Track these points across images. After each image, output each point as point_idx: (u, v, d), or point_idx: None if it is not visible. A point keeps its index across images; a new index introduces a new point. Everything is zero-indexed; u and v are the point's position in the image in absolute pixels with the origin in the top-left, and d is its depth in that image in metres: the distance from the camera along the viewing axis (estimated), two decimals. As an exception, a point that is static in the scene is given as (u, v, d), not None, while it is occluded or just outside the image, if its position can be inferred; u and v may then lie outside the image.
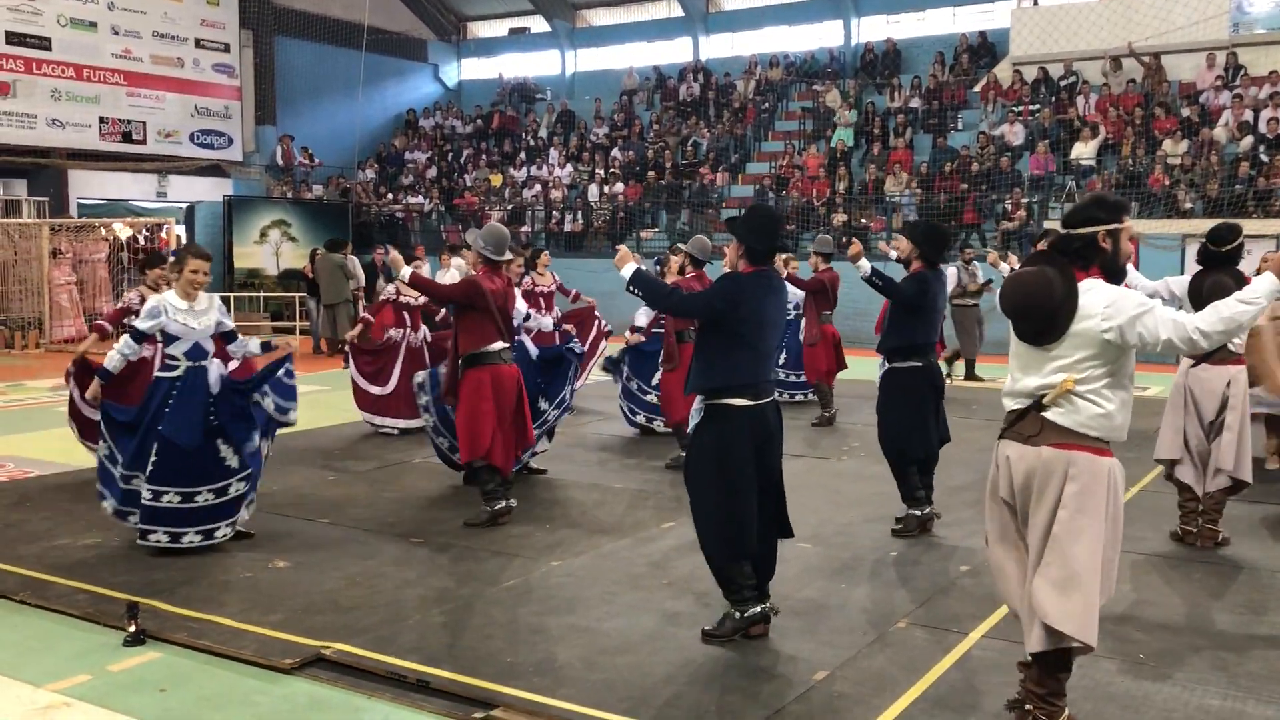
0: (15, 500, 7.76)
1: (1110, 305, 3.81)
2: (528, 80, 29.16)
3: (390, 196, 25.77)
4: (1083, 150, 18.93)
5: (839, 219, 19.80)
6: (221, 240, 22.35)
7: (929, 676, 4.64)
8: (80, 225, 20.50)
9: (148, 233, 20.36)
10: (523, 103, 28.64)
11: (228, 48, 24.37)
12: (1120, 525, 3.98)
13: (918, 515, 6.92)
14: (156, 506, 6.25)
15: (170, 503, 6.26)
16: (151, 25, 22.92)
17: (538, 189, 24.22)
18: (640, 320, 10.12)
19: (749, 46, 26.61)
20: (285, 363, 6.63)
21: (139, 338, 6.42)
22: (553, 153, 25.37)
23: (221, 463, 6.39)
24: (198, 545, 6.34)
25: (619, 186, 23.00)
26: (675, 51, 27.78)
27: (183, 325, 6.34)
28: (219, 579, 5.94)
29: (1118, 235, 3.94)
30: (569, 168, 24.63)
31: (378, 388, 10.50)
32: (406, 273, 7.36)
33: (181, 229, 22.02)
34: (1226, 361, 6.58)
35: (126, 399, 6.76)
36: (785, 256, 12.54)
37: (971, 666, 4.77)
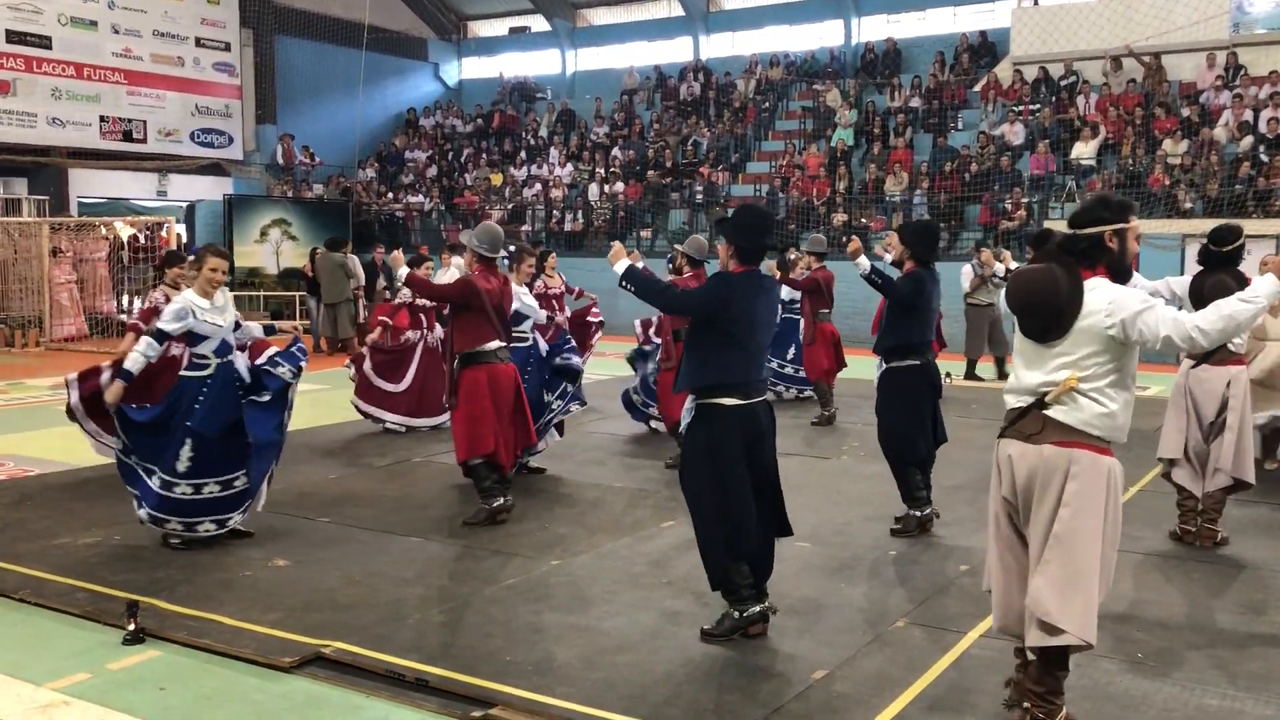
0: (15, 499, 7.76)
1: (1113, 302, 3.83)
2: (528, 79, 29.16)
3: (390, 196, 25.77)
4: (1083, 150, 18.92)
5: (839, 218, 19.80)
6: (222, 239, 22.34)
7: (927, 676, 4.65)
8: (80, 224, 20.51)
9: (148, 232, 20.37)
10: (523, 102, 28.64)
11: (228, 46, 24.38)
12: (1119, 525, 3.99)
13: (917, 515, 6.93)
14: (198, 499, 6.41)
15: (211, 493, 6.45)
16: (152, 24, 22.94)
17: (538, 188, 24.22)
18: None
19: (749, 46, 26.61)
20: (296, 342, 6.87)
21: (163, 338, 6.43)
22: (553, 152, 25.37)
23: (248, 449, 6.55)
24: (214, 534, 6.52)
25: (619, 186, 23.01)
26: (676, 51, 27.78)
27: (211, 324, 6.44)
28: (218, 577, 5.95)
29: (1124, 235, 3.96)
30: (569, 167, 24.63)
31: (391, 384, 10.55)
32: (404, 273, 7.43)
33: (182, 228, 22.03)
34: (1226, 361, 6.59)
35: (144, 398, 6.82)
36: (795, 256, 12.57)
37: (970, 666, 4.78)
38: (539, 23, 29.59)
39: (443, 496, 7.85)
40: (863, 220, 19.71)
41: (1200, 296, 6.45)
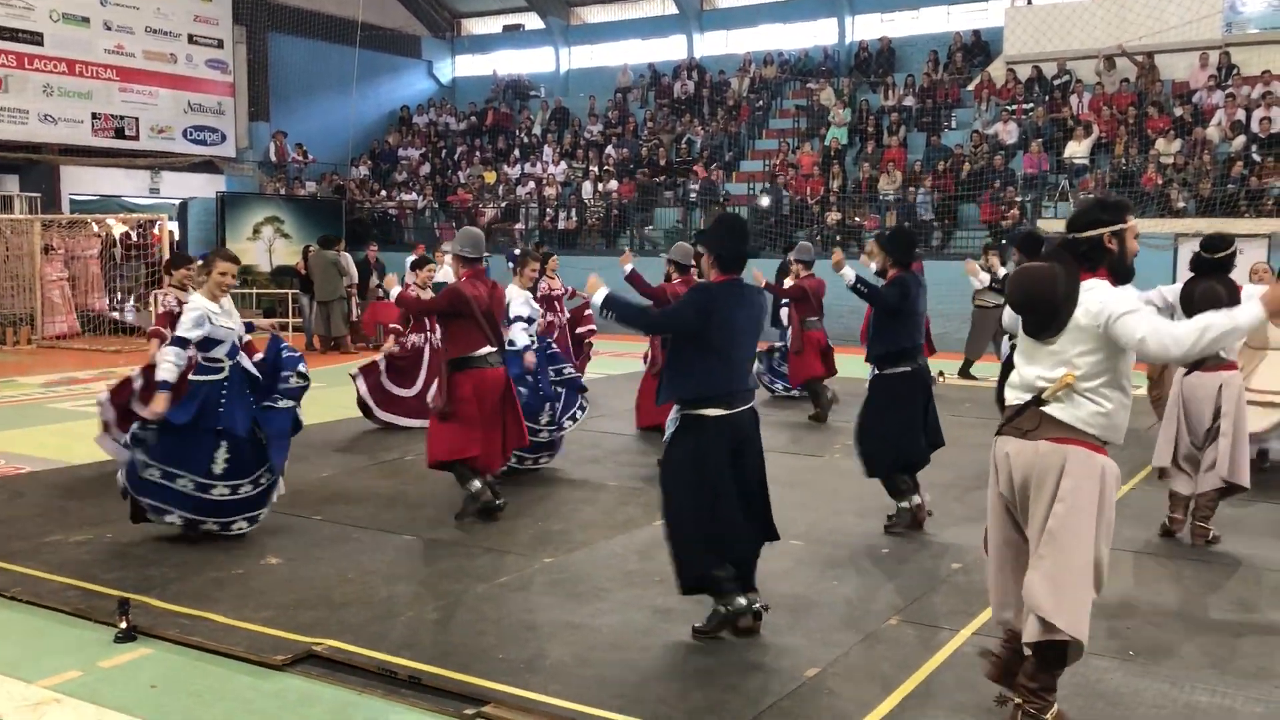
0: (7, 497, 7.74)
1: (1104, 302, 3.86)
2: (522, 77, 29.14)
3: (384, 193, 25.73)
4: (1076, 149, 18.95)
5: (833, 217, 19.81)
6: (214, 237, 22.29)
7: (919, 673, 4.66)
8: (72, 221, 20.45)
9: (140, 229, 20.32)
10: (517, 100, 28.61)
11: (221, 44, 24.32)
12: (1112, 523, 4.00)
13: (908, 508, 6.95)
14: (234, 499, 6.50)
15: (245, 493, 6.54)
16: (144, 21, 22.87)
17: (531, 186, 24.20)
18: None
19: (743, 44, 26.61)
20: (278, 343, 6.90)
21: (186, 345, 6.43)
22: (547, 150, 25.34)
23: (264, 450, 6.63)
24: (245, 531, 6.64)
25: (613, 184, 22.99)
26: (669, 49, 27.78)
27: (225, 328, 6.50)
28: (211, 575, 5.94)
29: (1123, 235, 4.00)
30: (563, 165, 24.62)
31: (404, 389, 10.62)
32: (396, 292, 7.60)
33: (174, 225, 21.97)
34: (1219, 368, 6.65)
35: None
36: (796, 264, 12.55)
37: (962, 663, 4.79)
38: (533, 20, 29.57)
39: (436, 494, 7.84)
40: (856, 219, 19.73)
41: (1191, 303, 6.52)
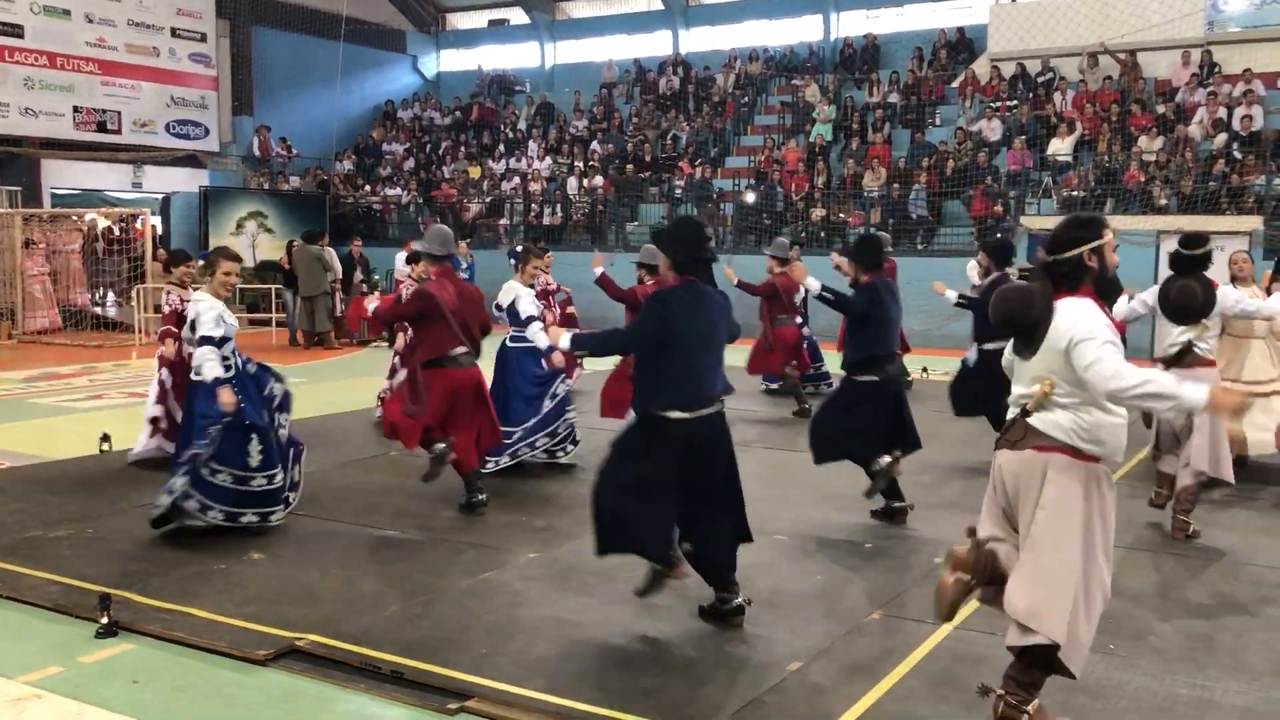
0: (-13, 492, 7.70)
1: (1075, 324, 3.92)
2: (507, 72, 29.07)
3: (368, 188, 25.64)
4: (1059, 146, 19.03)
5: (817, 214, 19.84)
6: (198, 231, 22.19)
7: (902, 667, 4.68)
8: (54, 215, 20.31)
9: (123, 224, 20.20)
10: (501, 95, 28.54)
11: (204, 37, 24.17)
12: (1110, 531, 4.02)
13: (879, 469, 6.92)
14: (271, 489, 6.59)
15: (279, 482, 6.64)
16: (126, 14, 22.71)
17: (516, 181, 24.15)
18: None
19: (728, 40, 26.61)
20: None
21: (218, 343, 6.49)
22: (531, 145, 25.30)
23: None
24: (281, 520, 6.76)
25: (598, 179, 22.97)
26: (655, 45, 27.76)
27: (231, 325, 6.64)
28: (193, 571, 5.92)
29: (1101, 251, 4.07)
30: (548, 160, 24.57)
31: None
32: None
33: (157, 220, 21.85)
34: (1196, 364, 6.72)
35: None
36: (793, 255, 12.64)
37: (944, 657, 4.81)
38: (518, 15, 29.50)
39: (420, 490, 7.81)
40: (841, 215, 19.76)
41: (1168, 300, 6.61)
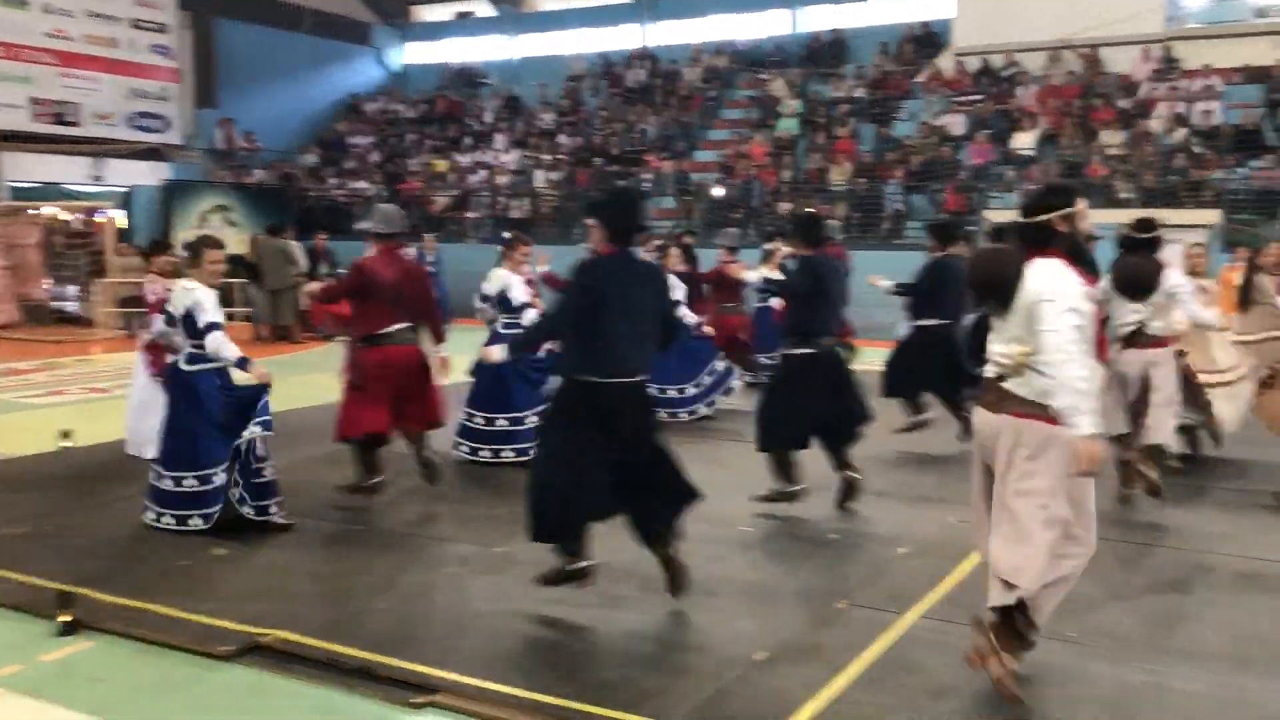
0: (-56, 489, 7.58)
1: (1039, 286, 4.06)
2: (473, 65, 28.93)
3: (333, 182, 25.46)
4: (1023, 140, 19.21)
5: (784, 208, 19.89)
6: (160, 225, 21.89)
7: (867, 655, 4.71)
8: (11, 209, 20.00)
9: (83, 217, 19.92)
10: (468, 88, 28.41)
11: (165, 29, 23.85)
12: (1087, 487, 4.21)
13: (782, 491, 7.01)
14: (201, 491, 6.46)
15: (269, 476, 6.57)
16: (85, 4, 22.34)
17: (483, 175, 24.06)
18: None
19: (694, 34, 26.62)
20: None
21: (220, 328, 6.49)
22: (498, 138, 25.20)
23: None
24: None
25: (553, 175, 22.91)
26: (621, 38, 27.73)
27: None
28: (155, 567, 5.86)
29: (1073, 218, 4.23)
30: (515, 153, 24.49)
31: None
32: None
33: (119, 213, 21.58)
34: (1151, 345, 6.92)
35: None
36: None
37: (909, 646, 4.85)
38: (484, 8, 29.38)
39: (388, 484, 7.77)
40: (807, 210, 19.79)
41: (1119, 277, 6.74)
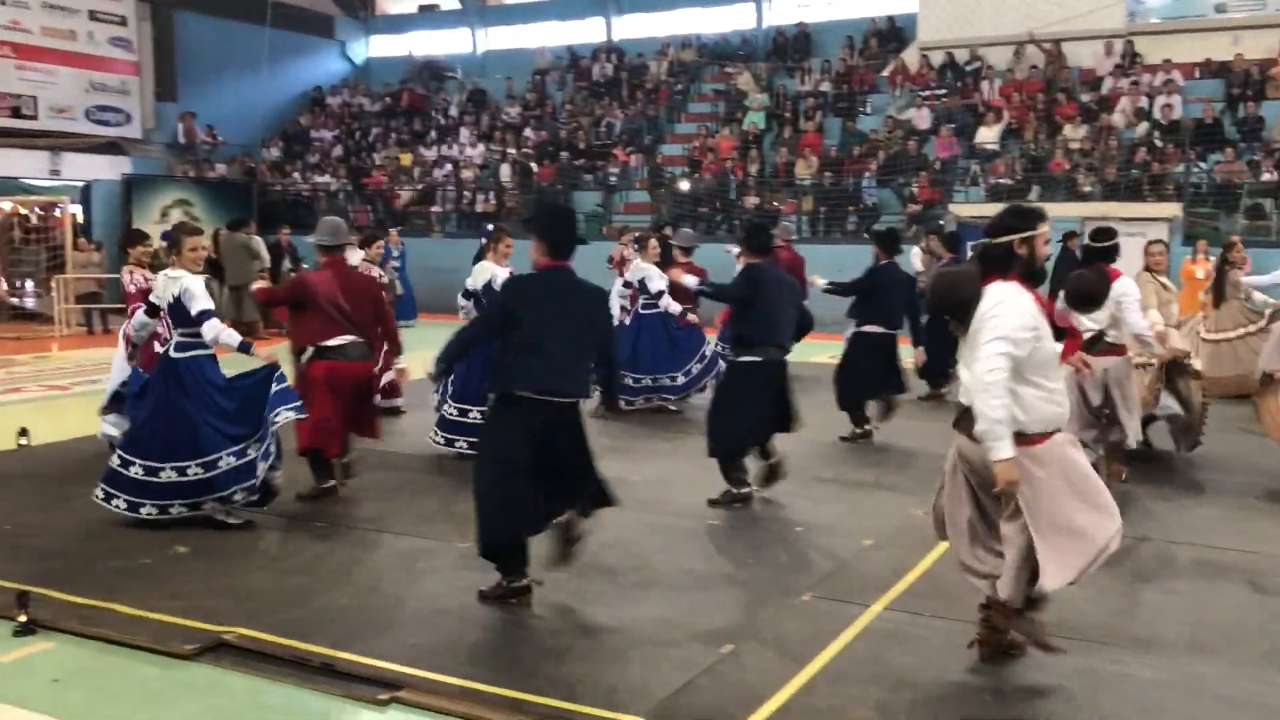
0: (-102, 488, 7.45)
1: (982, 312, 4.22)
2: (438, 58, 28.74)
3: (296, 176, 25.22)
4: (987, 135, 19.34)
5: (751, 201, 19.94)
6: (120, 220, 21.63)
7: (832, 647, 4.74)
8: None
9: (41, 212, 19.63)
10: (433, 81, 28.22)
11: (124, 21, 23.50)
12: (1086, 484, 4.35)
13: (735, 493, 7.08)
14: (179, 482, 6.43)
15: (191, 476, 6.43)
16: (42, -5, 22.01)
17: (448, 168, 23.92)
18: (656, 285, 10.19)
19: (661, 28, 26.58)
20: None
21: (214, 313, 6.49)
22: (464, 132, 25.06)
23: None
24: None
25: (532, 166, 22.84)
26: (587, 31, 27.63)
27: None
28: (115, 566, 5.78)
29: (1032, 241, 4.33)
30: (481, 147, 24.37)
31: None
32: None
33: (78, 208, 21.28)
34: (1105, 353, 7.12)
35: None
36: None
37: (873, 637, 4.88)
38: (449, 1, 29.18)
39: (352, 483, 7.72)
40: (774, 204, 19.88)
41: (1068, 289, 6.85)
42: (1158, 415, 8.37)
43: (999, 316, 4.18)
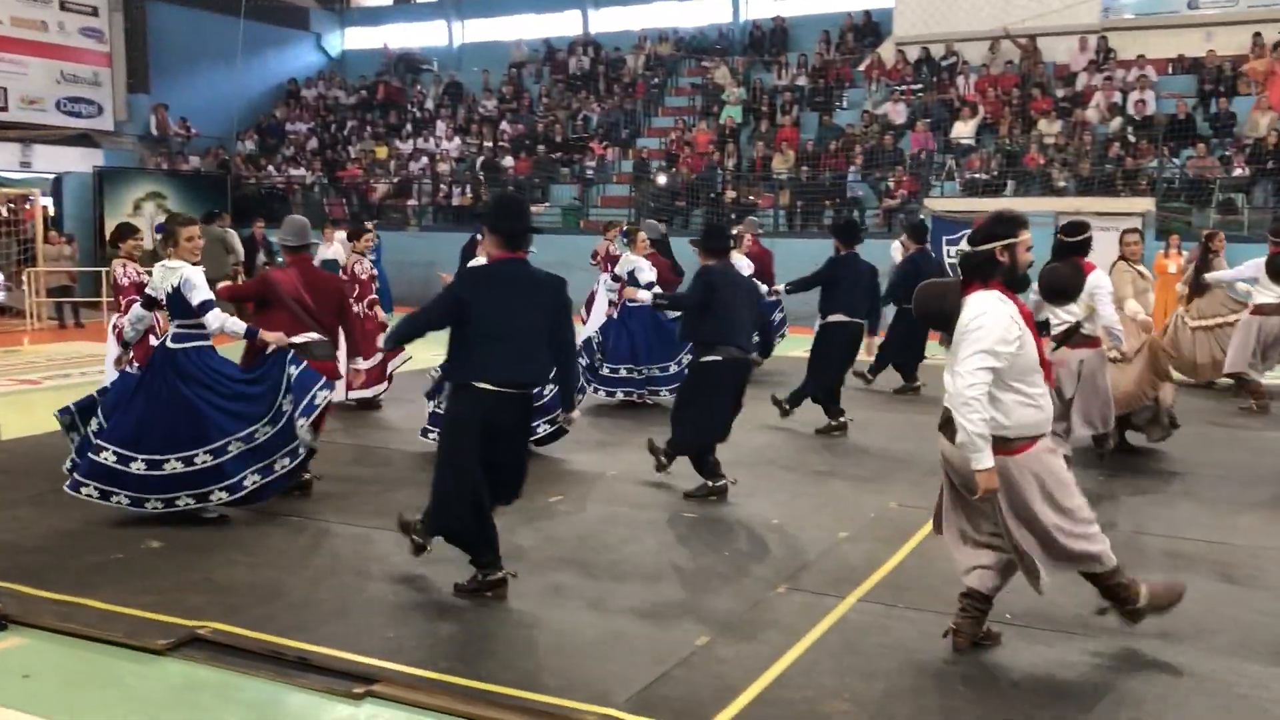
0: None
1: (965, 321, 4.28)
2: (413, 51, 28.60)
3: (271, 169, 25.05)
4: (962, 129, 19.43)
5: (729, 195, 19.96)
6: (91, 213, 21.45)
7: (807, 639, 4.76)
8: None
9: (11, 205, 19.42)
10: (409, 73, 28.09)
11: (96, 11, 23.27)
12: (1064, 487, 4.45)
13: (710, 485, 7.13)
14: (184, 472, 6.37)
15: (199, 464, 6.37)
16: (12, -14, 21.76)
17: (424, 162, 23.82)
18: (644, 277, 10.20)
19: (638, 21, 26.54)
20: None
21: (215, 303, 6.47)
22: (440, 125, 24.96)
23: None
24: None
25: (508, 160, 22.78)
26: (564, 24, 27.56)
27: None
28: (89, 560, 5.74)
29: (1014, 249, 4.36)
30: (457, 140, 24.28)
31: (365, 363, 10.29)
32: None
33: (49, 201, 21.07)
34: (1080, 345, 7.26)
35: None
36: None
37: (848, 629, 4.91)
38: (425, -7, 29.04)
39: (329, 477, 7.69)
40: (750, 198, 19.91)
41: (1042, 283, 6.94)
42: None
43: (981, 329, 4.22)
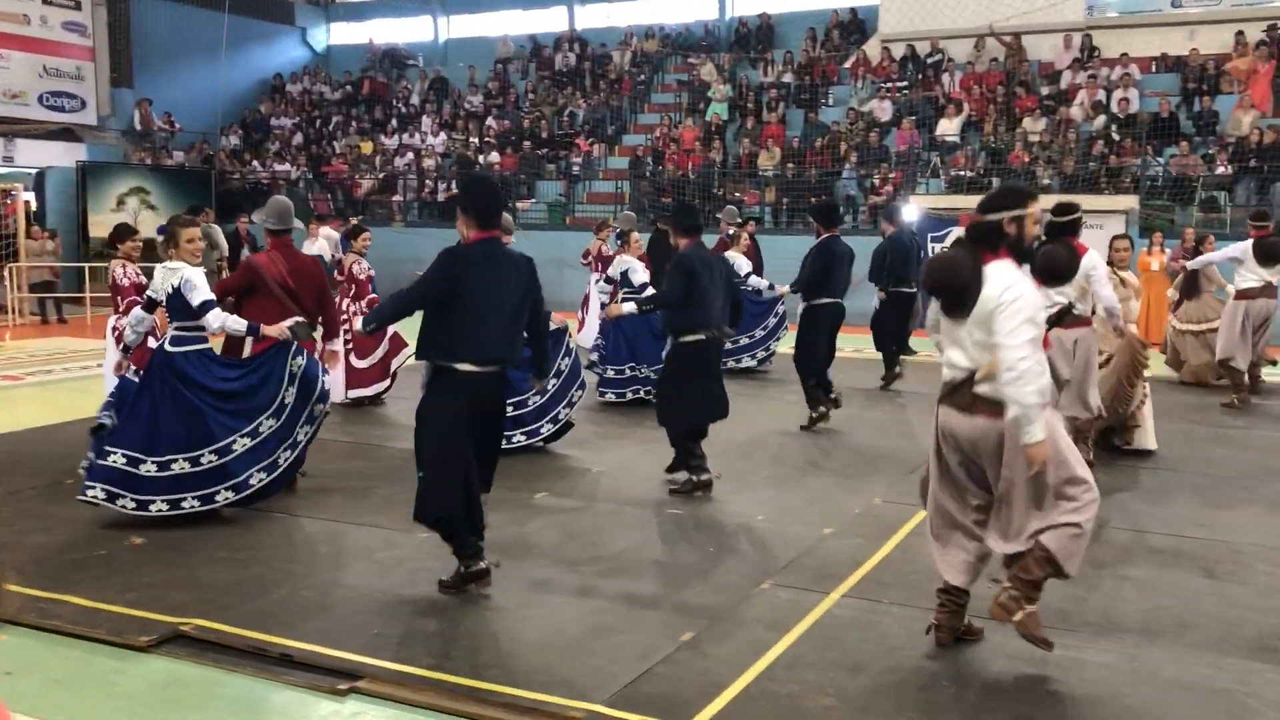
0: None
1: (1002, 288, 4.22)
2: (399, 46, 28.50)
3: (256, 164, 24.95)
4: (947, 127, 19.48)
5: (715, 192, 19.96)
6: (75, 208, 21.32)
7: (792, 635, 4.77)
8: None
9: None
10: (394, 69, 28.00)
11: (79, 4, 23.11)
12: (1070, 454, 4.38)
13: (694, 480, 7.13)
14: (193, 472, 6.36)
15: (206, 464, 6.38)
16: (-6, -21, 21.59)
17: (410, 157, 23.75)
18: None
19: (624, 17, 26.51)
20: None
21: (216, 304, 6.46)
22: (425, 120, 24.89)
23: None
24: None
25: (494, 156, 22.74)
26: (550, 20, 27.50)
27: None
28: (71, 558, 5.72)
29: (1022, 220, 4.37)
30: (442, 136, 24.22)
31: (364, 361, 10.29)
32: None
33: (31, 196, 20.93)
34: (1073, 325, 7.25)
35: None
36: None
37: (833, 625, 4.92)
38: (411, -12, 28.93)
39: (315, 473, 7.67)
40: (737, 195, 19.92)
41: (1037, 264, 6.95)
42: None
43: (1019, 298, 4.19)
